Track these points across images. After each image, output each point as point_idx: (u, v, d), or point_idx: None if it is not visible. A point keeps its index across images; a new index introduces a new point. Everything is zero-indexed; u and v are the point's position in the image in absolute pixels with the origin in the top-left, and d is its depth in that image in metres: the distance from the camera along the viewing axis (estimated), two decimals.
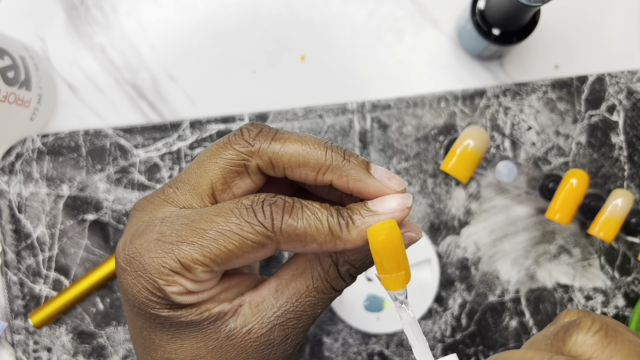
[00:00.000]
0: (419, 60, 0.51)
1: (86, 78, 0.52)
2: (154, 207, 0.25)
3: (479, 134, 0.45)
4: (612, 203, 0.44)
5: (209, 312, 0.25)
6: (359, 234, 0.24)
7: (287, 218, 0.24)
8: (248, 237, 0.23)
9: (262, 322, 0.25)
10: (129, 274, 0.24)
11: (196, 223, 0.24)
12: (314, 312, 0.26)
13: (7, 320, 0.50)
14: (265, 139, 0.25)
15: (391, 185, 0.25)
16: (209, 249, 0.23)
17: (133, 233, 0.25)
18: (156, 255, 0.23)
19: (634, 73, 0.50)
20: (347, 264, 0.26)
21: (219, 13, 0.52)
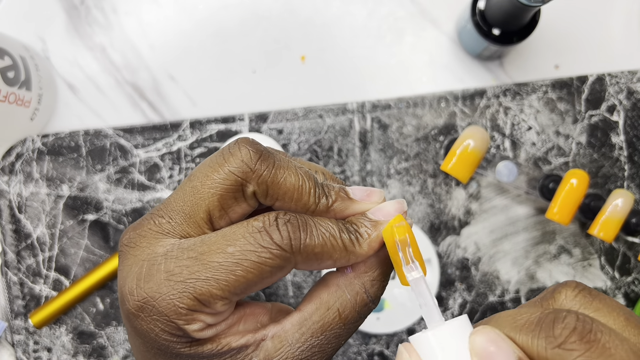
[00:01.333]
0: (419, 60, 0.51)
1: (86, 78, 0.52)
2: (150, 242, 0.24)
3: (479, 134, 0.44)
4: (612, 203, 0.44)
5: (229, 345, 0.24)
6: (370, 245, 0.24)
7: (305, 237, 0.23)
8: (266, 262, 0.22)
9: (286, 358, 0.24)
10: (143, 320, 0.23)
11: (207, 256, 0.23)
12: (338, 343, 0.26)
13: (7, 321, 0.50)
14: (266, 165, 0.24)
15: (374, 199, 0.25)
16: (227, 282, 0.22)
17: (137, 276, 0.23)
18: (170, 297, 0.22)
19: (634, 73, 0.50)
20: (376, 283, 0.25)
21: (219, 13, 0.52)
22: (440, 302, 0.49)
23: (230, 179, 0.24)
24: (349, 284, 0.25)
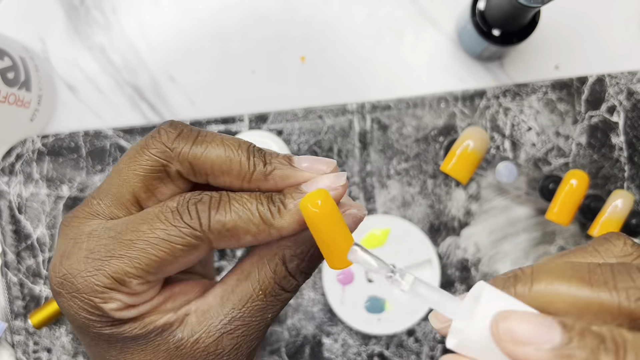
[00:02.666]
0: (419, 60, 0.51)
1: (86, 79, 0.52)
2: (80, 222, 0.24)
3: (479, 134, 0.44)
4: (612, 204, 0.44)
5: (153, 324, 0.24)
6: (292, 217, 0.23)
7: (215, 214, 0.22)
8: (177, 241, 0.22)
9: (209, 331, 0.24)
10: (63, 297, 0.23)
11: (122, 234, 0.23)
12: (263, 317, 0.25)
13: (7, 321, 0.50)
14: (185, 142, 0.23)
15: (320, 168, 0.24)
16: (139, 260, 0.22)
17: (62, 254, 0.24)
18: (87, 274, 0.22)
19: (634, 74, 0.49)
20: (295, 259, 0.24)
21: (219, 13, 0.52)
22: None
23: (151, 160, 0.24)
24: (270, 255, 0.24)
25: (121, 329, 0.24)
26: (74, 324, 0.24)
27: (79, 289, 0.23)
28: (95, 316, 0.23)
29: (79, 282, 0.23)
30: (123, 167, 0.24)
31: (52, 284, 0.24)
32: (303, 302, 0.49)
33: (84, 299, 0.23)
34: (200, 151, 0.23)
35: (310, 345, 0.49)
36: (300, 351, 0.49)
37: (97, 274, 0.22)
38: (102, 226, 0.24)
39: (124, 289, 0.23)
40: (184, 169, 0.24)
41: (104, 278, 0.22)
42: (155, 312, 0.24)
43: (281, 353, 0.49)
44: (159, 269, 0.23)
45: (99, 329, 0.23)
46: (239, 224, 0.23)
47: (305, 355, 0.49)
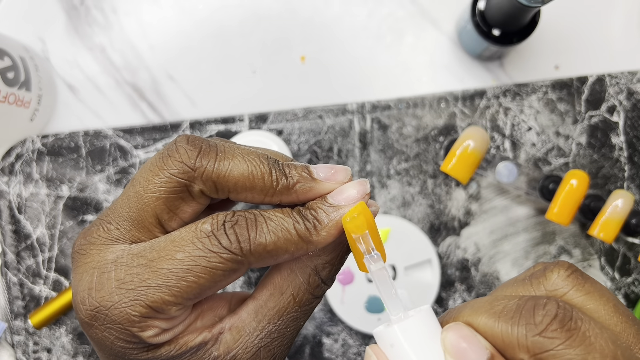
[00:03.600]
0: (419, 60, 0.51)
1: (86, 79, 0.52)
2: (99, 249, 0.23)
3: (479, 134, 0.44)
4: (612, 204, 0.44)
5: (188, 345, 0.24)
6: (329, 232, 0.23)
7: (254, 237, 0.22)
8: (218, 267, 0.22)
9: (246, 347, 0.24)
10: (97, 329, 0.23)
11: (157, 263, 0.22)
12: (297, 326, 0.25)
13: (7, 321, 0.50)
14: (207, 160, 0.23)
15: (338, 179, 0.24)
16: (179, 289, 0.22)
17: (89, 285, 0.23)
18: (123, 305, 0.22)
19: (634, 74, 0.50)
20: (327, 266, 0.25)
21: (219, 13, 0.52)
22: (441, 302, 0.49)
23: (172, 182, 0.23)
24: (300, 267, 0.25)
25: (157, 353, 0.23)
26: (107, 353, 0.24)
27: (114, 320, 0.22)
28: (132, 344, 0.23)
29: (114, 313, 0.22)
30: (141, 190, 0.23)
31: (83, 317, 0.23)
32: None
33: (120, 329, 0.22)
34: (223, 170, 0.23)
35: (310, 345, 0.49)
36: (300, 351, 0.49)
37: (134, 305, 0.22)
38: (126, 253, 0.23)
39: (161, 316, 0.23)
40: (207, 188, 0.23)
41: (141, 308, 0.22)
42: (188, 332, 0.24)
43: None
44: (198, 294, 0.23)
45: (135, 355, 0.23)
46: (279, 244, 0.23)
47: (305, 355, 0.49)
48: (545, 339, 0.19)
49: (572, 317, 0.19)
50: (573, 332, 0.19)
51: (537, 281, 0.23)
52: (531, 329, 0.19)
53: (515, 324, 0.20)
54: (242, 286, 0.50)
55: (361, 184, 0.24)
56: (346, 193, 0.24)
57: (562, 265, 0.22)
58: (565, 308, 0.20)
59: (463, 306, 0.22)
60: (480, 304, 0.22)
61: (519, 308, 0.20)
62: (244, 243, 0.22)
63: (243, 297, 0.26)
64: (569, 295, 0.22)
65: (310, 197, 0.24)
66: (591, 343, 0.19)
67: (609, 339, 0.19)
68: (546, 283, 0.22)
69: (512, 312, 0.20)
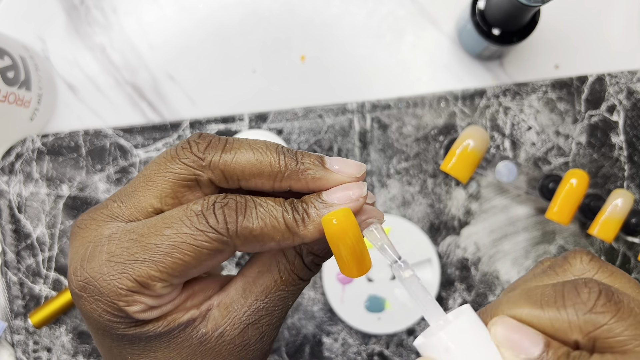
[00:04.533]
0: (419, 60, 0.51)
1: (86, 78, 0.52)
2: (98, 225, 0.24)
3: (479, 134, 0.44)
4: (612, 203, 0.44)
5: (176, 321, 0.24)
6: (316, 227, 0.23)
7: (242, 220, 0.23)
8: (203, 246, 0.22)
9: (234, 324, 0.25)
10: (86, 300, 0.23)
11: (146, 238, 0.23)
12: (285, 305, 0.25)
13: (7, 321, 0.50)
14: (215, 150, 0.24)
15: (350, 172, 0.24)
16: (164, 264, 0.22)
17: (82, 257, 0.23)
18: (111, 277, 0.22)
19: (634, 73, 0.50)
20: (311, 255, 0.25)
21: (219, 13, 0.52)
22: (440, 302, 0.49)
23: (182, 169, 0.24)
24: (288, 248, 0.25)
25: (144, 328, 0.24)
26: (95, 326, 0.24)
27: (102, 292, 0.23)
28: (119, 318, 0.23)
29: (102, 285, 0.23)
30: (151, 173, 0.24)
31: (74, 287, 0.24)
32: (303, 302, 0.49)
33: (107, 302, 0.23)
34: (230, 157, 0.24)
35: (310, 345, 0.49)
36: (300, 350, 0.49)
37: (121, 278, 0.22)
38: (121, 229, 0.24)
39: (148, 292, 0.23)
40: (216, 176, 0.24)
41: (127, 282, 0.22)
42: (177, 311, 0.24)
43: (281, 352, 0.49)
44: (183, 272, 0.23)
45: (122, 330, 0.24)
46: (265, 230, 0.23)
47: (305, 354, 0.49)
48: (597, 314, 0.19)
49: (613, 292, 0.20)
50: (620, 305, 0.20)
51: (562, 269, 0.23)
52: (580, 307, 0.20)
53: (562, 306, 0.20)
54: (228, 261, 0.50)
55: (358, 187, 0.24)
56: (341, 192, 0.24)
57: (582, 252, 0.23)
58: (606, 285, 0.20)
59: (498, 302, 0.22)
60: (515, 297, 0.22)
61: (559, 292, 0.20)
62: (231, 224, 0.22)
63: None
64: (596, 277, 0.22)
65: (319, 187, 0.24)
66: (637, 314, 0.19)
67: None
68: (572, 269, 0.23)
69: (554, 298, 0.20)
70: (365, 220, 0.24)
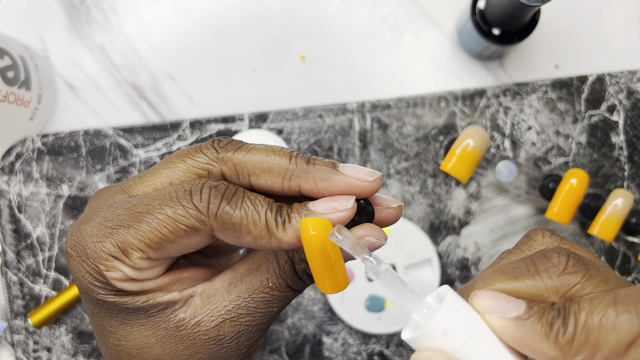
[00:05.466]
0: (419, 60, 0.51)
1: (86, 78, 0.52)
2: (109, 195, 0.25)
3: (479, 133, 0.45)
4: (612, 203, 0.44)
5: (156, 300, 0.24)
6: (294, 233, 0.23)
7: (225, 205, 0.23)
8: (181, 220, 0.23)
9: (212, 315, 0.24)
10: (74, 259, 0.24)
11: (135, 207, 0.23)
12: (268, 309, 0.25)
13: (7, 320, 0.50)
14: (233, 147, 0.25)
15: (361, 176, 0.24)
16: (143, 233, 0.23)
17: (82, 219, 0.25)
18: (97, 239, 0.23)
19: (634, 73, 0.50)
20: (303, 263, 0.25)
21: (219, 13, 0.52)
22: None
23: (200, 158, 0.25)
24: (281, 253, 0.25)
25: (123, 299, 0.24)
26: (80, 288, 0.25)
27: (88, 253, 0.23)
28: (99, 282, 0.24)
29: (89, 246, 0.23)
30: (174, 157, 0.25)
31: (67, 246, 0.24)
32: (303, 301, 0.49)
33: (91, 264, 0.23)
34: (243, 154, 0.24)
35: (310, 345, 0.49)
36: (300, 350, 0.49)
37: (105, 241, 0.23)
38: (123, 199, 0.24)
39: (127, 261, 0.23)
40: (228, 170, 0.24)
41: (109, 245, 0.23)
42: (160, 291, 0.25)
43: (281, 352, 0.49)
44: (160, 245, 0.23)
45: (102, 295, 0.24)
46: (244, 222, 0.23)
47: (306, 354, 0.49)
48: (570, 275, 0.21)
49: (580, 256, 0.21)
50: (588, 265, 0.21)
51: (526, 246, 0.24)
52: (554, 271, 0.21)
53: (536, 273, 0.21)
54: None
55: (345, 199, 0.23)
56: (327, 203, 0.23)
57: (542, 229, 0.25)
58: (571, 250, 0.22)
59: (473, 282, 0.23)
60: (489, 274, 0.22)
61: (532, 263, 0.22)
62: (212, 205, 0.23)
63: None
64: None
65: (328, 188, 0.24)
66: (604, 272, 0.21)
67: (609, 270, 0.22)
68: (535, 244, 0.24)
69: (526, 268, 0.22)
70: (364, 237, 0.23)
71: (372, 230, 0.24)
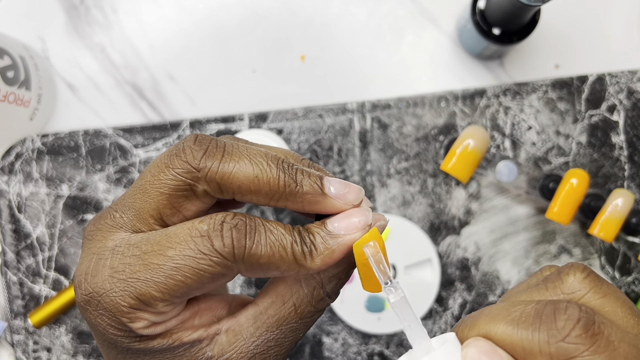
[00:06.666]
0: (419, 59, 0.51)
1: (86, 78, 0.52)
2: (103, 236, 0.24)
3: (479, 133, 0.44)
4: (613, 203, 0.44)
5: (182, 339, 0.24)
6: (323, 260, 0.23)
7: (250, 245, 0.22)
8: (206, 270, 0.22)
9: (241, 352, 0.24)
10: (90, 313, 0.23)
11: (149, 256, 0.22)
12: (296, 337, 0.25)
13: (6, 320, 0.50)
14: (212, 161, 0.23)
15: (348, 199, 0.23)
16: (166, 285, 0.22)
17: (86, 270, 0.23)
18: (113, 294, 0.22)
19: (634, 73, 0.50)
20: (334, 279, 0.25)
21: (219, 13, 0.52)
22: (441, 302, 0.49)
23: (176, 180, 0.23)
24: (306, 278, 0.24)
25: (150, 344, 0.24)
26: (102, 339, 0.24)
27: (106, 307, 0.22)
28: (123, 332, 0.23)
29: (105, 301, 0.22)
30: (146, 184, 0.23)
31: (79, 300, 0.23)
32: None
33: (111, 317, 0.23)
34: (227, 171, 0.23)
35: (310, 345, 0.49)
36: (300, 350, 0.49)
37: (123, 295, 0.22)
38: (125, 242, 0.23)
39: (150, 309, 0.23)
40: (211, 189, 0.23)
41: (130, 299, 0.22)
42: (183, 328, 0.24)
43: None
44: (184, 294, 0.23)
45: (127, 344, 0.23)
46: (272, 260, 0.22)
47: (306, 354, 0.49)
48: (570, 344, 0.18)
49: (594, 322, 0.19)
50: (597, 338, 0.18)
51: (553, 285, 0.22)
52: (553, 334, 0.18)
53: (536, 330, 0.19)
54: (241, 285, 0.50)
55: (363, 214, 0.23)
56: (347, 221, 0.23)
57: (577, 268, 0.22)
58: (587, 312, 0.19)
59: (479, 313, 0.21)
60: (496, 311, 0.21)
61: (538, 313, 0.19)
62: (238, 249, 0.22)
63: (244, 301, 0.26)
64: (586, 297, 0.21)
65: (315, 210, 0.24)
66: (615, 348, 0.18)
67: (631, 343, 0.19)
68: (563, 286, 0.22)
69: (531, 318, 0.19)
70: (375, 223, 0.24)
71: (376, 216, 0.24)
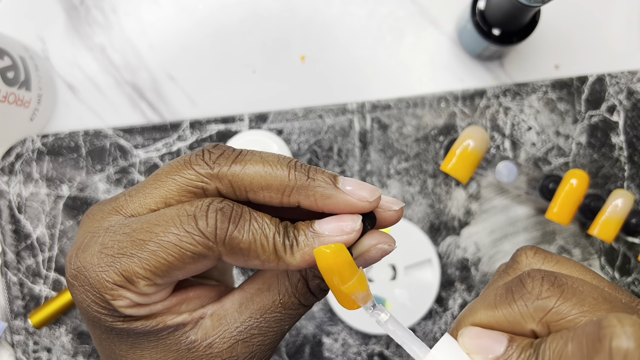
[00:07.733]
0: (419, 60, 0.51)
1: (86, 78, 0.52)
2: (102, 216, 0.24)
3: (479, 134, 0.44)
4: (612, 203, 0.44)
5: (166, 322, 0.24)
6: (302, 257, 0.23)
7: (233, 229, 0.22)
8: (187, 248, 0.22)
9: (224, 337, 0.24)
10: (77, 289, 0.23)
11: (137, 233, 0.23)
12: (280, 328, 0.25)
13: (7, 321, 0.50)
14: (226, 161, 0.23)
15: (362, 195, 0.23)
16: (148, 262, 0.22)
17: (78, 246, 0.24)
18: (99, 269, 0.23)
19: (634, 73, 0.50)
20: (317, 278, 0.25)
21: (219, 13, 0.52)
22: (441, 302, 0.49)
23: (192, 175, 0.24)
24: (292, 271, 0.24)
25: (133, 325, 0.24)
26: (86, 317, 0.24)
27: (91, 283, 0.23)
28: (106, 310, 0.23)
29: (91, 276, 0.23)
30: (162, 173, 0.24)
31: (67, 275, 0.24)
32: None
33: (96, 293, 0.23)
34: (239, 168, 0.23)
35: (310, 345, 0.49)
36: (300, 351, 0.49)
37: (108, 270, 0.22)
38: (119, 222, 0.24)
39: (133, 288, 0.23)
40: (224, 187, 0.24)
41: (114, 275, 0.22)
42: (168, 313, 0.24)
43: (281, 353, 0.49)
44: (166, 272, 0.23)
45: (110, 323, 0.24)
46: (253, 247, 0.22)
47: (306, 354, 0.49)
48: (544, 299, 0.20)
49: (556, 276, 0.21)
50: (563, 288, 0.21)
51: (512, 269, 0.24)
52: (527, 298, 0.21)
53: (512, 301, 0.21)
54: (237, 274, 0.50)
55: (352, 219, 0.23)
56: (334, 223, 0.23)
57: (525, 248, 0.24)
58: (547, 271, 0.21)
59: (462, 314, 0.23)
60: (473, 304, 0.23)
61: (508, 289, 0.21)
62: (220, 230, 0.22)
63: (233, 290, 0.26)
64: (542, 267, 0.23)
65: (328, 206, 0.23)
66: (581, 292, 0.20)
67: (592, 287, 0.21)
68: (519, 267, 0.24)
69: (504, 295, 0.21)
70: (376, 245, 0.24)
71: (382, 237, 0.24)
